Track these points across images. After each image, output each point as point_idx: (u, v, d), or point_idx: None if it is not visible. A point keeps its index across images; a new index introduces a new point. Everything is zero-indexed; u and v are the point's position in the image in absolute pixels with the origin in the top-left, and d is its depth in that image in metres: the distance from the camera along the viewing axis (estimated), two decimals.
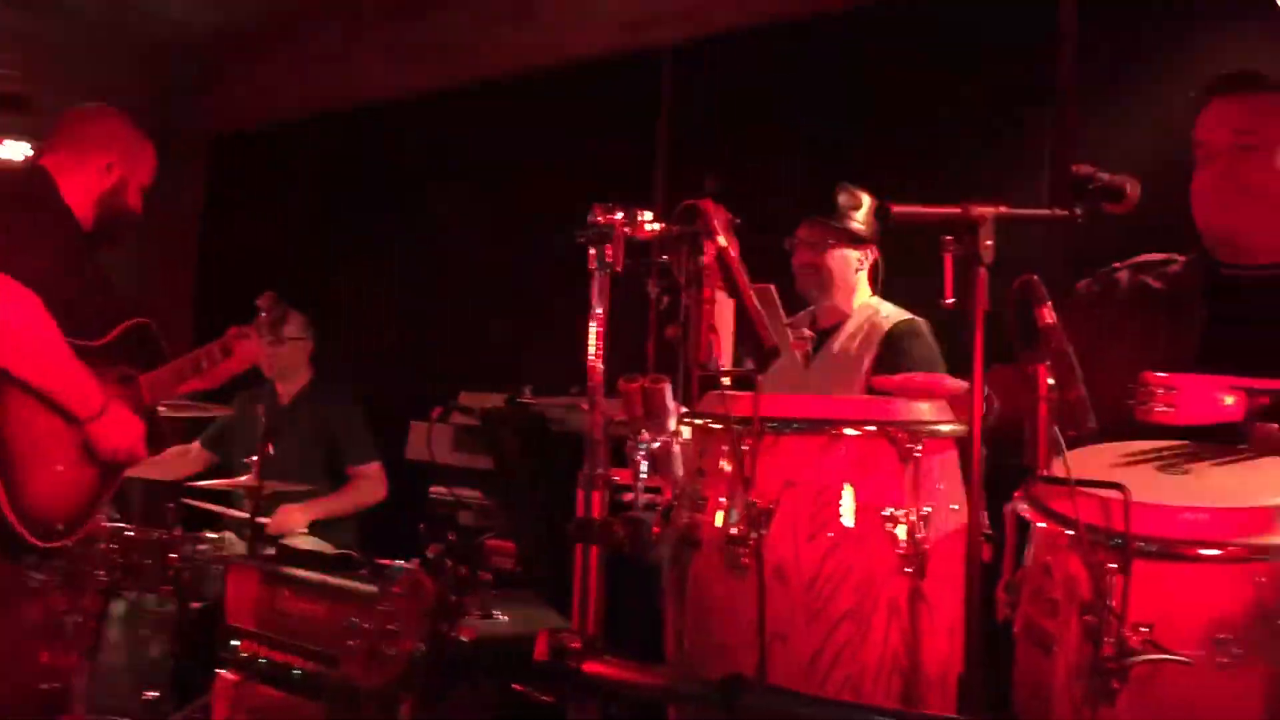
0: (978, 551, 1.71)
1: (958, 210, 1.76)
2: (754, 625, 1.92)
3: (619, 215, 2.06)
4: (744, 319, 2.06)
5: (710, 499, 2.04)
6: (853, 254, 3.58)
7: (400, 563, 2.93)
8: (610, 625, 2.30)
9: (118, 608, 4.36)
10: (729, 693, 1.72)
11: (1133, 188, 2.13)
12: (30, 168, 2.99)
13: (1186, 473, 1.88)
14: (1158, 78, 3.60)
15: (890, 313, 3.56)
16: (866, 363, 3.49)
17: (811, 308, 3.69)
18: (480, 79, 5.42)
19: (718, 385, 2.04)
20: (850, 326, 3.59)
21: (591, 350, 2.08)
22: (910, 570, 1.94)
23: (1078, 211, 2.01)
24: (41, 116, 5.40)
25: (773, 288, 2.91)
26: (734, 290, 2.04)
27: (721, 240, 2.06)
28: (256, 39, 6.43)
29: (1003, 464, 1.99)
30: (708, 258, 2.09)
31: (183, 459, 5.14)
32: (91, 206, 2.96)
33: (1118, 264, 2.55)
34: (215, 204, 6.78)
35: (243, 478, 4.45)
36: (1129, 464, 1.95)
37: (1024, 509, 1.89)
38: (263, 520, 4.43)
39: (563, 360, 2.47)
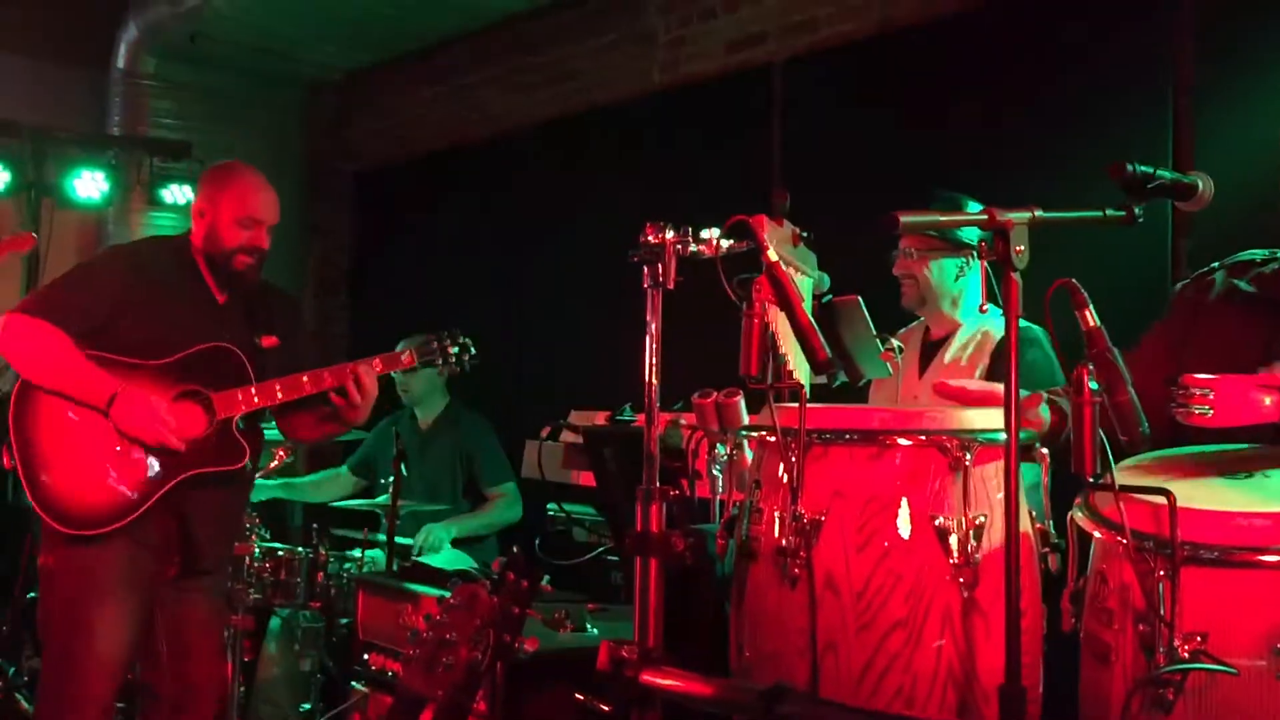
0: (1015, 560, 1.68)
1: (981, 217, 1.74)
2: (806, 635, 1.93)
3: (669, 234, 2.08)
4: (798, 333, 2.07)
5: (765, 510, 2.06)
6: (951, 262, 3.49)
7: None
8: (686, 635, 2.33)
9: (273, 623, 4.62)
10: (770, 702, 1.73)
11: (1205, 184, 2.06)
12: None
13: (1250, 477, 1.81)
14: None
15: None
16: (978, 373, 3.41)
17: (923, 319, 3.62)
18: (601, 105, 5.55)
19: (767, 397, 2.06)
20: (962, 337, 3.51)
21: (647, 366, 2.11)
22: (963, 580, 1.91)
23: (1136, 212, 1.95)
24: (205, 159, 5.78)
25: (858, 299, 2.89)
26: (785, 304, 2.05)
27: (772, 255, 2.07)
28: (389, 77, 6.72)
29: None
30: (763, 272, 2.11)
31: (333, 483, 5.39)
32: (201, 252, 3.27)
33: (1217, 264, 2.45)
34: (364, 236, 7.08)
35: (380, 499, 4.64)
36: (1195, 469, 1.89)
37: (1081, 517, 1.85)
38: (407, 541, 4.61)
39: (668, 377, 2.48)
